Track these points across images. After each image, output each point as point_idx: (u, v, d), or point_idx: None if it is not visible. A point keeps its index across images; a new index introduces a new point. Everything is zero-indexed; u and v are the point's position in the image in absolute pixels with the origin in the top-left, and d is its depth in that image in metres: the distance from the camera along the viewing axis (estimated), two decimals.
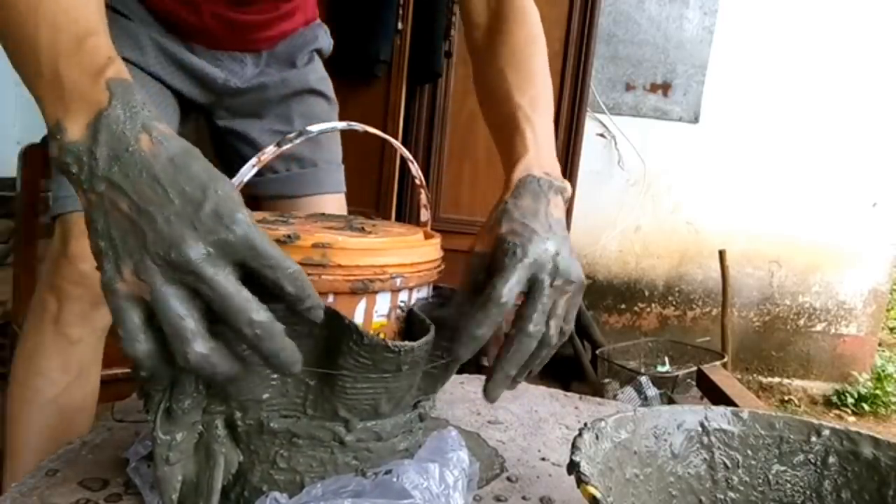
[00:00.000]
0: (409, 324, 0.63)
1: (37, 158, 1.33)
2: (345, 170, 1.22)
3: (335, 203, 1.16)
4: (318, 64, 1.16)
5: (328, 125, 0.64)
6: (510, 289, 0.57)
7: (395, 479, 0.54)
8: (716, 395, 1.80)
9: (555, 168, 0.69)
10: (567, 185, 0.68)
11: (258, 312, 0.45)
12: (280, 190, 1.14)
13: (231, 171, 1.10)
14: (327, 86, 1.18)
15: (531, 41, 0.79)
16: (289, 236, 0.57)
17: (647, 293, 3.28)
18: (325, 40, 1.17)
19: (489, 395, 0.63)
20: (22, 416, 0.94)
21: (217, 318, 0.46)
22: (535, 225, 0.61)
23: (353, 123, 0.64)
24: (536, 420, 0.89)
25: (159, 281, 0.44)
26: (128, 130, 0.45)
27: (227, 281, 0.45)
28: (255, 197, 1.14)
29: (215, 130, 1.14)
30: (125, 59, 0.53)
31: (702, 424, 0.64)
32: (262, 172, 1.09)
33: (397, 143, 0.68)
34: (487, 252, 0.61)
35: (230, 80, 1.05)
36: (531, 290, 0.60)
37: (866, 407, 3.21)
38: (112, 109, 0.46)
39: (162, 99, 1.00)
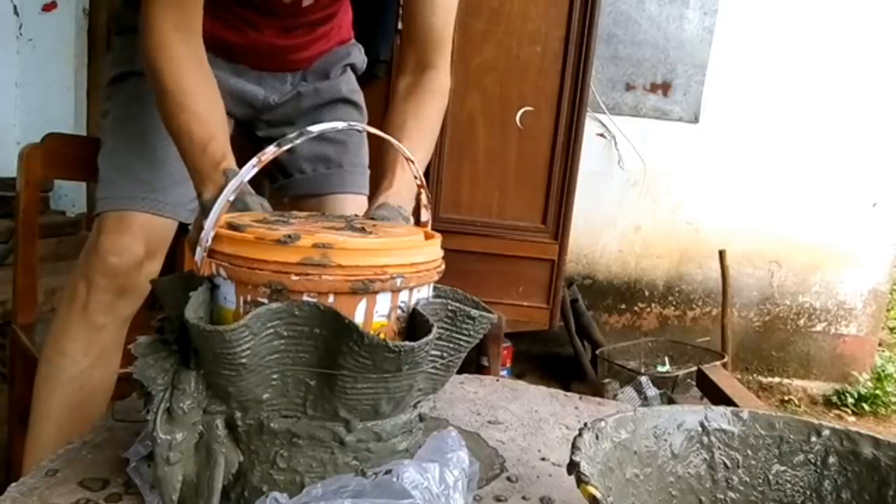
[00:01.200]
0: (413, 323, 0.63)
1: (36, 159, 1.33)
2: None
3: (356, 203, 1.23)
4: (350, 77, 1.26)
5: (328, 125, 0.64)
6: None
7: (395, 479, 0.54)
8: (716, 395, 1.80)
9: (408, 205, 0.88)
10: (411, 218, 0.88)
11: None
12: (308, 189, 1.23)
13: (270, 177, 1.26)
14: (359, 97, 1.27)
15: (435, 119, 1.02)
16: (289, 236, 0.57)
17: (647, 293, 3.28)
18: (359, 57, 1.28)
19: None
20: (45, 391, 1.04)
21: None
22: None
23: (353, 123, 0.64)
24: (536, 420, 0.89)
25: None
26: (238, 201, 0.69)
27: None
28: (287, 197, 1.25)
29: (255, 140, 1.23)
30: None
31: (702, 424, 0.64)
32: (291, 173, 1.22)
33: (397, 143, 0.69)
34: None
35: (270, 96, 1.17)
36: None
37: (866, 407, 3.20)
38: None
39: None
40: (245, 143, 1.23)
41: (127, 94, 1.07)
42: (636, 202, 3.18)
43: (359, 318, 0.58)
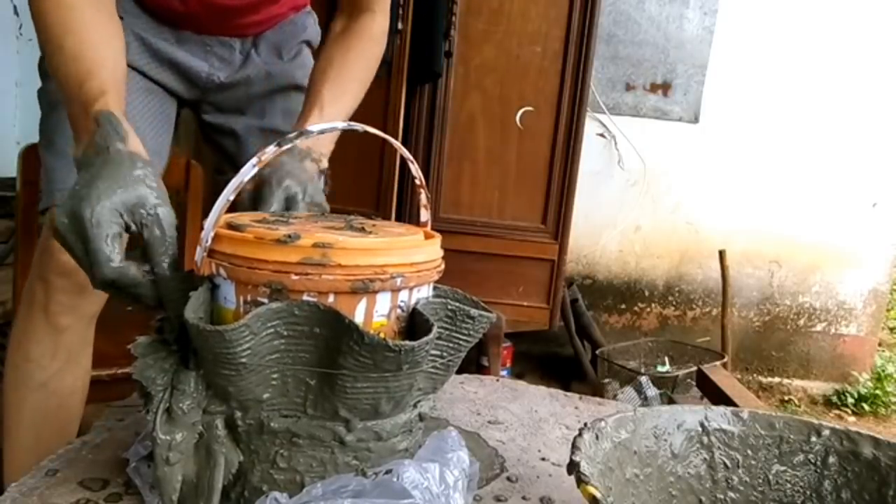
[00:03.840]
0: (413, 323, 0.63)
1: (37, 158, 1.33)
2: (344, 170, 1.21)
3: None
4: (305, 58, 1.15)
5: (328, 125, 0.64)
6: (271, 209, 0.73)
7: (395, 479, 0.54)
8: (716, 395, 1.80)
9: (322, 147, 0.88)
10: (324, 160, 0.88)
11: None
12: None
13: (219, 163, 1.12)
14: None
15: (364, 65, 1.00)
16: (289, 236, 0.57)
17: (647, 293, 3.28)
18: (314, 31, 1.18)
19: None
20: (16, 399, 0.98)
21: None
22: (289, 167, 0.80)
23: (353, 123, 0.64)
24: (536, 420, 0.89)
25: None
26: (100, 148, 0.65)
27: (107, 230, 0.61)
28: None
29: (202, 125, 1.16)
30: None
31: (702, 424, 0.64)
32: (238, 165, 1.13)
33: (397, 144, 0.69)
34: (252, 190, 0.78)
35: (214, 73, 1.06)
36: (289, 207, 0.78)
37: (866, 407, 3.20)
38: (97, 136, 0.66)
39: (148, 94, 1.02)
40: (193, 126, 1.18)
41: None
42: (636, 202, 3.18)
43: (359, 318, 0.58)
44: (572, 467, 0.51)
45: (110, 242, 0.60)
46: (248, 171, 0.59)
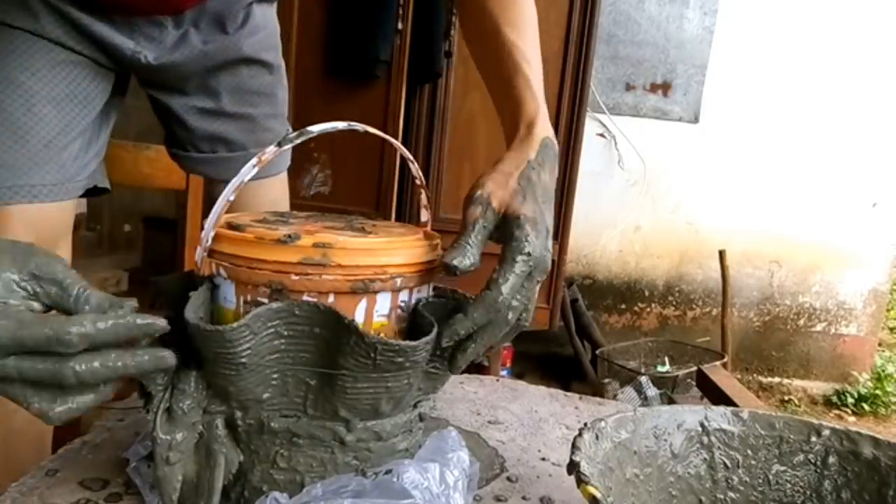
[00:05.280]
0: (413, 323, 0.63)
1: None
2: (345, 170, 1.13)
3: (265, 189, 1.02)
4: (255, 23, 0.95)
5: (328, 125, 0.63)
6: (511, 286, 0.59)
7: (395, 479, 0.54)
8: (716, 395, 1.80)
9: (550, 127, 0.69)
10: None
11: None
12: (206, 172, 1.02)
13: (170, 144, 0.98)
14: (271, 53, 0.99)
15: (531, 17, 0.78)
16: (289, 236, 0.57)
17: (647, 293, 3.28)
18: None
19: (454, 367, 0.62)
20: None
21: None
22: (546, 217, 0.62)
23: (353, 123, 0.64)
24: (536, 420, 0.89)
25: None
26: None
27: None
28: (187, 171, 1.04)
29: (150, 99, 0.98)
30: (17, 28, 0.58)
31: (702, 424, 0.64)
32: (187, 148, 0.99)
33: (397, 144, 0.68)
34: (495, 216, 0.62)
35: (141, 52, 0.88)
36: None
37: (866, 407, 3.20)
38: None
39: (63, 67, 0.85)
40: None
41: None
42: (636, 202, 3.18)
43: (359, 318, 0.58)
44: (572, 467, 0.51)
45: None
46: (247, 172, 0.59)
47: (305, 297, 0.57)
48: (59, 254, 0.70)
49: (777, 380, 3.35)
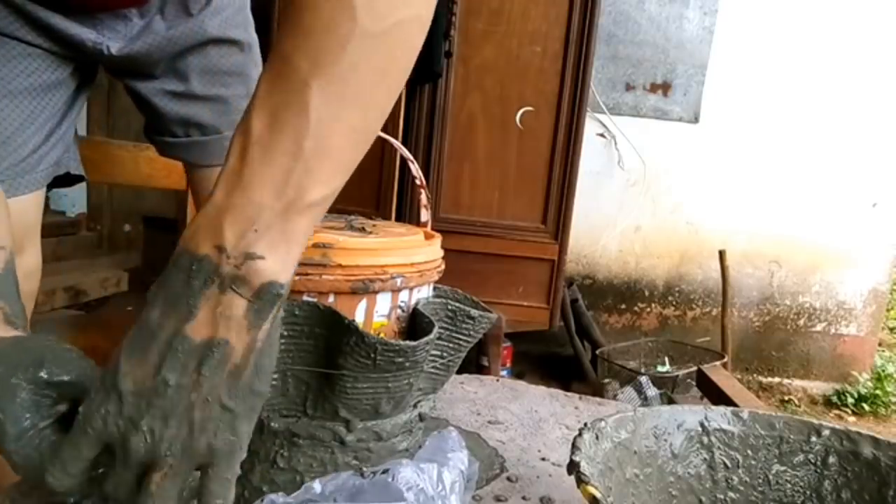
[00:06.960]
0: (413, 323, 0.63)
1: None
2: None
3: None
4: (220, 1, 0.92)
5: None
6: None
7: (391, 479, 0.54)
8: (716, 395, 1.81)
9: (280, 238, 0.42)
10: (283, 280, 0.42)
11: None
12: (181, 156, 1.00)
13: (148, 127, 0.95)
14: (240, 31, 0.95)
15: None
16: None
17: (647, 293, 3.28)
18: None
19: None
20: None
21: None
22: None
23: None
24: (536, 420, 0.89)
25: None
26: None
27: None
28: (164, 155, 1.01)
29: (124, 86, 0.96)
30: None
31: (702, 424, 0.64)
32: (162, 132, 0.97)
33: (397, 143, 0.69)
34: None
35: (102, 44, 0.84)
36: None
37: (866, 407, 3.20)
38: None
39: (29, 62, 0.82)
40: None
41: None
42: (636, 202, 3.18)
43: (359, 318, 0.58)
44: (572, 467, 0.51)
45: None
46: None
47: (305, 298, 0.57)
48: (28, 249, 0.67)
49: (777, 380, 3.35)
